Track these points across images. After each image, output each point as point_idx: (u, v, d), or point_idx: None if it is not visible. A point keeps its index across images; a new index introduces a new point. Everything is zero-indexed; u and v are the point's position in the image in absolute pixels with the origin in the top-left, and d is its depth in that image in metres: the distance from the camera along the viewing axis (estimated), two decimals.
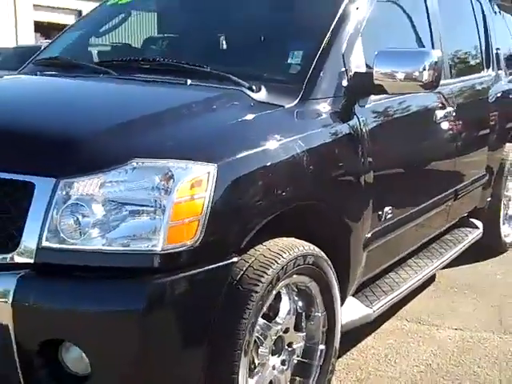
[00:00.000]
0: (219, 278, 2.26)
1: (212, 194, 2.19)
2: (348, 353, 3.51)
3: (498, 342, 3.72)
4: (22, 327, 2.09)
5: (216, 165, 2.21)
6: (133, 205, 2.12)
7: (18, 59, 13.08)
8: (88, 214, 2.12)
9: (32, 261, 2.11)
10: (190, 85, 2.85)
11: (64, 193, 2.12)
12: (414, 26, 3.88)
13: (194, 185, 2.16)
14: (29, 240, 2.11)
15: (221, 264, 2.25)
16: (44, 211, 2.11)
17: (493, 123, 4.74)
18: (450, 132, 3.97)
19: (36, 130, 2.37)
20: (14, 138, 2.32)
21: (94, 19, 4.09)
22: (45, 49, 3.85)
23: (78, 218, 2.12)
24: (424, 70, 3.00)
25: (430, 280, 4.50)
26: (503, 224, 5.31)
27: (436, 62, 3.04)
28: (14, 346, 2.10)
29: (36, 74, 3.33)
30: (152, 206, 2.12)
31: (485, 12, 4.94)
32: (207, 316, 2.22)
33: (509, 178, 5.28)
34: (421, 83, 3.03)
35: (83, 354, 2.12)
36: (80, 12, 33.83)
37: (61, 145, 2.23)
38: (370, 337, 3.73)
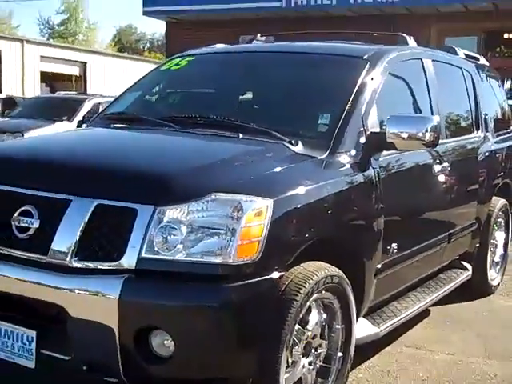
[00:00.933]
0: (270, 286, 2.92)
1: (269, 221, 2.88)
2: (357, 368, 4.12)
3: (482, 365, 4.34)
4: (125, 317, 2.75)
5: (272, 200, 2.92)
6: (211, 228, 2.81)
7: (36, 108, 14.03)
8: (176, 234, 2.81)
9: (133, 267, 2.79)
10: (242, 138, 3.58)
11: (159, 217, 2.82)
12: (416, 94, 4.65)
13: (257, 214, 2.86)
14: (132, 252, 2.80)
15: (272, 276, 2.93)
16: (144, 230, 2.80)
17: (481, 179, 5.45)
18: (445, 184, 4.68)
19: (136, 169, 3.09)
20: (121, 176, 3.03)
21: (150, 81, 4.86)
22: (108, 106, 4.61)
23: (168, 236, 2.81)
24: (427, 131, 3.74)
25: (426, 314, 5.15)
26: (490, 269, 5.97)
27: (436, 126, 3.79)
28: (117, 333, 2.76)
29: (110, 127, 4.06)
30: (225, 230, 2.80)
31: (474, 82, 5.71)
32: (261, 314, 2.89)
33: (495, 227, 5.99)
34: (424, 142, 3.77)
35: (166, 340, 2.78)
36: (85, 64, 34.99)
37: (157, 181, 2.95)
38: (375, 357, 4.35)
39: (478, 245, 5.60)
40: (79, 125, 13.75)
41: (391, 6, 15.77)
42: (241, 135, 3.60)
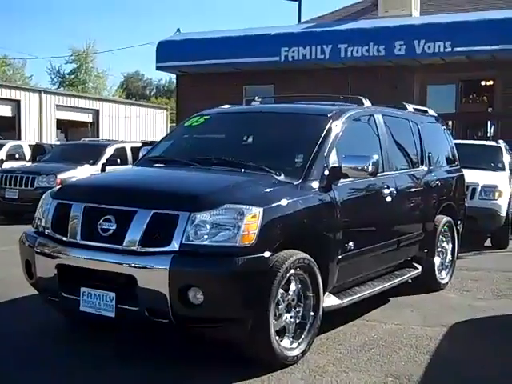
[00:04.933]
0: (263, 261, 4.67)
1: (260, 221, 4.66)
2: (327, 332, 5.85)
3: (419, 330, 6.08)
4: (173, 280, 4.50)
5: (262, 208, 4.71)
6: (224, 225, 4.60)
7: (64, 154, 16.29)
8: (203, 229, 4.59)
9: (177, 250, 4.57)
10: (244, 171, 5.40)
11: (192, 219, 4.60)
12: (367, 140, 6.48)
13: (253, 217, 4.64)
14: (176, 240, 4.58)
15: (264, 255, 4.68)
16: (183, 227, 4.59)
17: (425, 201, 7.25)
18: (391, 203, 6.45)
19: (177, 190, 4.95)
20: (167, 194, 4.87)
21: (177, 133, 6.79)
22: (148, 152, 6.48)
23: (198, 231, 4.59)
24: (369, 165, 5.55)
25: (385, 301, 6.93)
26: (441, 270, 7.72)
27: (375, 161, 5.59)
28: (167, 290, 4.51)
29: (152, 166, 5.92)
30: (233, 226, 4.59)
31: (419, 129, 7.55)
32: (257, 278, 4.63)
33: (442, 238, 7.75)
34: (368, 172, 5.57)
35: (198, 294, 4.50)
36: (97, 111, 37.36)
37: (191, 197, 4.75)
38: (341, 327, 6.06)
39: (426, 250, 7.36)
40: (103, 168, 15.92)
41: (377, 59, 17.70)
42: (243, 170, 5.43)
